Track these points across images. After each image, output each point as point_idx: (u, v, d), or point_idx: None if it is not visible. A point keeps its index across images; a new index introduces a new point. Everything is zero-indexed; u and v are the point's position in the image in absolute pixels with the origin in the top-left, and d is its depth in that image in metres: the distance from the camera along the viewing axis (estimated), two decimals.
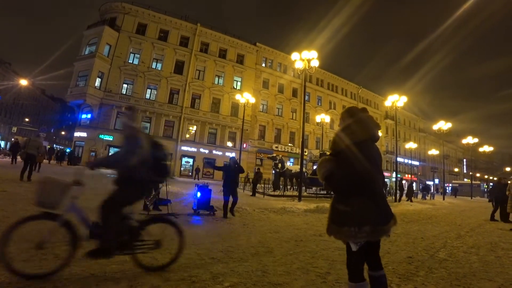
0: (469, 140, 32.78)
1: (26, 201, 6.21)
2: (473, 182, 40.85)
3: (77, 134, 27.54)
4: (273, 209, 9.39)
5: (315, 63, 14.15)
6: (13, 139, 17.80)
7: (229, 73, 33.24)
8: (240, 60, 34.42)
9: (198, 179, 26.29)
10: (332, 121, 39.51)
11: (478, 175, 68.21)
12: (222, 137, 32.06)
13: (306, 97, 36.48)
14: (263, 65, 36.12)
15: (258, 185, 16.15)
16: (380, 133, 2.17)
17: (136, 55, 28.85)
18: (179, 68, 30.48)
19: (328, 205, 8.93)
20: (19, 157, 16.66)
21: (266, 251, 4.30)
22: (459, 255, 4.90)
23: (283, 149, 35.23)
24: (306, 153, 26.23)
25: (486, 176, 70.30)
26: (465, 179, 59.06)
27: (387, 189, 25.56)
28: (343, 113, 2.25)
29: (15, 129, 45.78)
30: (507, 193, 9.85)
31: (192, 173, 28.89)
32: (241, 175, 8.36)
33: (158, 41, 29.62)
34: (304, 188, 17.63)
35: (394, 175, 31.84)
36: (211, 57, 32.17)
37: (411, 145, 38.08)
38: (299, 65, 14.33)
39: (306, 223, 7.56)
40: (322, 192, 19.25)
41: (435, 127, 27.30)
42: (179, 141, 29.29)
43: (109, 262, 3.13)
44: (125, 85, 28.20)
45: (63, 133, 70.48)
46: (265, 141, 34.82)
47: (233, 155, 29.49)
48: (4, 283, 2.41)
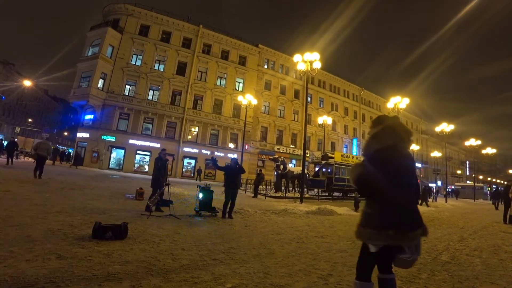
0: (472, 142, 32.59)
1: (30, 202, 6.25)
2: (475, 184, 40.63)
3: (79, 134, 27.64)
4: (274, 210, 9.39)
5: (317, 64, 14.14)
6: (11, 138, 16.03)
7: (231, 74, 33.28)
8: (242, 61, 34.46)
9: (200, 180, 26.32)
10: (334, 122, 39.42)
11: (481, 177, 67.94)
12: (224, 138, 32.08)
13: (308, 99, 36.40)
14: (265, 66, 36.14)
15: (260, 186, 16.15)
16: (408, 140, 2.18)
17: (138, 56, 28.95)
18: (181, 69, 30.54)
19: (330, 207, 9.00)
20: (26, 157, 16.62)
21: (267, 253, 4.31)
22: (461, 257, 4.88)
23: (285, 151, 35.19)
24: (308, 155, 26.20)
25: (489, 179, 70.00)
26: (467, 181, 58.82)
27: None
28: (373, 120, 2.30)
29: (18, 129, 46.00)
30: (510, 195, 9.81)
31: (194, 174, 28.91)
32: (243, 176, 8.36)
33: (160, 42, 29.71)
34: (306, 189, 17.62)
35: None
36: (213, 58, 32.23)
37: (413, 147, 37.91)
38: (301, 66, 14.33)
39: (307, 224, 7.56)
40: (323, 194, 19.27)
41: (438, 129, 27.17)
42: (181, 142, 29.33)
43: (111, 262, 3.15)
44: (127, 86, 28.29)
45: (65, 133, 70.85)
46: (267, 143, 34.81)
47: (235, 156, 29.63)
48: (6, 282, 2.41)
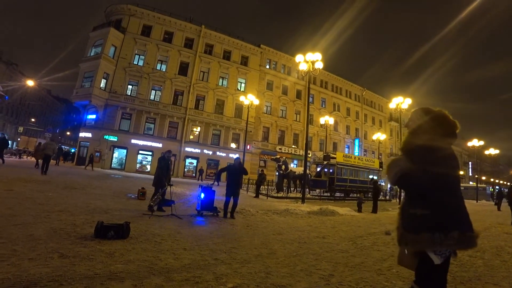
0: (475, 142, 32.48)
1: (32, 201, 6.28)
2: (478, 185, 40.42)
3: (82, 134, 27.77)
4: (276, 210, 9.39)
5: (319, 65, 14.15)
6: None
7: (233, 74, 33.31)
8: (244, 61, 34.49)
9: (202, 180, 26.35)
10: (336, 123, 39.37)
11: (483, 178, 67.63)
12: (226, 138, 32.11)
13: (310, 99, 36.39)
14: (267, 66, 36.15)
15: (262, 186, 16.16)
16: (456, 134, 1.91)
17: (141, 56, 29.04)
18: (183, 69, 30.60)
19: (332, 207, 8.94)
20: (25, 156, 16.85)
21: (269, 253, 4.31)
22: (464, 259, 4.85)
23: (286, 151, 35.19)
24: (309, 155, 26.18)
25: (492, 179, 69.68)
26: (470, 182, 58.55)
27: (388, 192, 25.41)
28: (417, 111, 1.98)
29: (21, 129, 46.24)
30: None
31: (195, 174, 28.95)
32: (244, 176, 8.37)
33: (162, 42, 29.80)
34: (307, 190, 17.62)
35: None
36: (215, 58, 32.28)
37: None
38: (303, 67, 14.34)
39: (309, 225, 7.55)
40: (325, 194, 19.26)
41: None
42: (183, 142, 29.39)
43: (113, 261, 3.17)
44: (130, 86, 28.38)
45: (68, 133, 71.16)
46: (268, 143, 34.82)
47: (236, 156, 29.66)
48: (10, 280, 2.43)
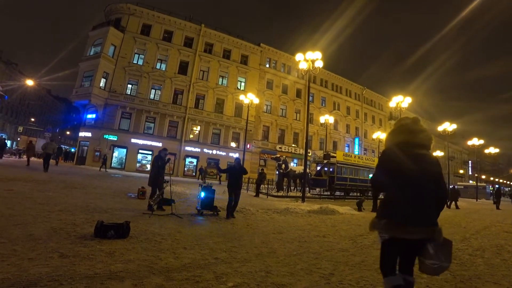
0: (475, 141, 32.46)
1: (32, 200, 6.28)
2: (478, 184, 40.42)
3: (82, 134, 27.73)
4: (276, 209, 9.38)
5: (319, 63, 14.13)
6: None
7: (233, 73, 33.27)
8: (244, 60, 34.45)
9: (203, 179, 26.30)
10: (336, 122, 39.34)
11: (483, 177, 67.61)
12: (226, 137, 32.10)
13: (310, 98, 36.35)
14: (267, 65, 36.10)
15: (262, 185, 16.15)
16: (416, 139, 2.20)
17: (140, 55, 28.99)
18: (183, 68, 30.55)
19: (332, 206, 8.97)
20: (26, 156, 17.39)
21: (269, 252, 4.31)
22: (464, 257, 4.87)
23: (286, 150, 35.18)
24: (309, 154, 26.18)
25: (491, 178, 69.69)
26: (470, 181, 58.56)
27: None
28: (395, 123, 2.42)
29: (21, 128, 46.17)
30: None
31: (195, 173, 28.93)
32: (244, 176, 8.38)
33: (162, 41, 29.74)
34: (307, 189, 17.61)
35: None
36: (215, 57, 32.23)
37: None
38: (303, 65, 14.32)
39: (309, 224, 7.55)
40: (325, 193, 19.25)
41: (440, 128, 27.07)
42: (183, 141, 29.38)
43: (113, 261, 3.17)
44: (129, 86, 28.34)
45: (68, 133, 71.12)
46: (268, 142, 34.81)
47: (236, 155, 29.64)
48: (9, 280, 2.43)
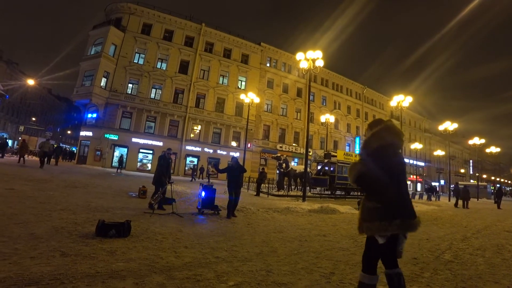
0: (476, 140, 32.37)
1: (34, 199, 6.30)
2: (479, 183, 40.35)
3: (82, 133, 27.77)
4: (277, 209, 9.39)
5: (320, 63, 14.11)
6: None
7: (234, 73, 33.27)
8: (245, 60, 34.43)
9: (202, 178, 26.35)
10: (336, 121, 39.30)
11: (484, 176, 67.47)
12: (226, 136, 32.11)
13: (311, 97, 36.30)
14: (268, 65, 36.08)
15: (262, 185, 16.15)
16: (402, 140, 2.40)
17: (141, 55, 28.99)
18: (183, 68, 30.56)
19: (332, 205, 8.99)
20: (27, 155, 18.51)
21: (270, 251, 4.31)
22: (465, 257, 4.86)
23: (287, 149, 35.19)
24: (310, 153, 26.17)
25: (492, 178, 69.56)
26: (471, 180, 58.47)
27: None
28: (371, 122, 2.47)
29: (22, 128, 46.16)
30: None
31: (196, 172, 28.94)
32: (245, 175, 8.38)
33: (163, 41, 29.74)
34: (308, 188, 17.61)
35: None
36: (215, 57, 32.22)
37: (416, 145, 37.75)
38: (304, 65, 14.30)
39: (310, 223, 7.55)
40: (326, 192, 19.25)
41: (441, 127, 27.01)
42: (183, 140, 29.41)
43: (115, 260, 3.18)
44: (130, 85, 28.37)
45: (69, 132, 71.20)
46: (269, 141, 34.81)
47: (237, 155, 29.67)
48: (12, 279, 2.44)
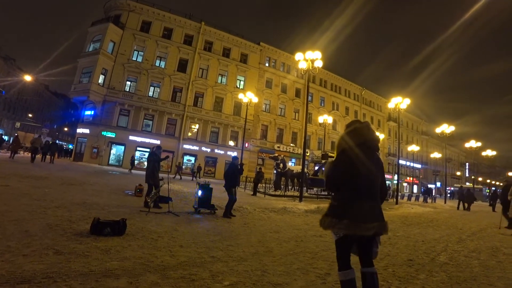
0: (472, 144, 32.49)
1: (29, 196, 6.25)
2: (475, 186, 40.53)
3: (79, 130, 27.61)
4: (273, 209, 9.38)
5: (318, 63, 14.11)
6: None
7: (232, 72, 33.23)
8: (244, 59, 34.40)
9: (199, 177, 26.31)
10: (334, 122, 39.33)
11: (480, 179, 67.87)
12: (224, 136, 32.08)
13: (309, 98, 36.32)
14: (267, 64, 36.06)
15: (259, 184, 16.14)
16: (373, 140, 2.38)
17: (140, 52, 28.88)
18: (182, 66, 30.48)
19: None
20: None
21: (266, 251, 4.30)
22: (460, 259, 4.87)
23: (285, 149, 35.21)
24: (308, 154, 26.18)
25: (488, 181, 70.01)
26: (467, 183, 58.81)
27: (389, 192, 25.46)
28: (346, 124, 2.53)
29: (18, 124, 45.88)
30: (509, 197, 9.62)
31: (194, 171, 28.86)
32: (241, 175, 8.35)
33: (162, 39, 29.64)
34: (305, 188, 17.62)
35: (396, 177, 31.70)
36: (214, 55, 32.17)
37: (413, 147, 37.90)
38: (302, 65, 14.30)
39: (306, 223, 7.55)
40: (323, 193, 19.26)
41: (438, 130, 27.12)
42: (181, 139, 29.34)
43: (109, 258, 3.15)
44: (128, 83, 28.25)
45: (66, 129, 70.82)
46: (267, 141, 34.81)
47: (234, 154, 29.57)
48: (4, 277, 2.40)
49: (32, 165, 14.72)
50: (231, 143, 32.36)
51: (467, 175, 72.00)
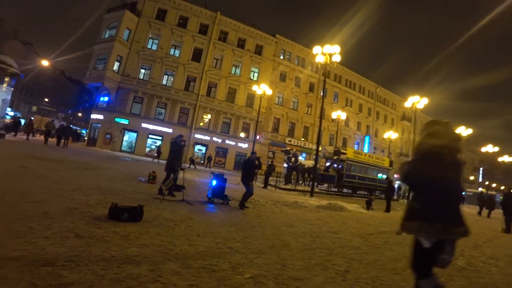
0: (489, 148, 31.53)
1: (46, 179, 6.33)
2: (488, 192, 39.61)
3: (93, 116, 28.03)
4: (285, 202, 9.34)
5: (336, 58, 13.84)
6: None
7: (247, 63, 32.97)
8: (258, 51, 34.04)
9: (210, 167, 26.44)
10: (347, 118, 38.70)
11: (494, 185, 66.26)
12: (236, 127, 32.04)
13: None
14: (281, 57, 35.60)
15: (270, 177, 16.12)
16: (455, 141, 2.32)
17: (155, 40, 28.91)
18: (196, 55, 30.40)
19: (340, 203, 8.97)
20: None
21: (282, 244, 4.26)
22: (478, 265, 4.79)
23: (296, 143, 34.98)
24: (320, 149, 25.98)
25: (502, 187, 68.31)
26: (479, 188, 57.49)
27: (400, 192, 25.15)
28: (426, 124, 2.47)
29: (35, 108, 46.85)
30: None
31: (204, 161, 29.05)
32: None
33: (177, 27, 29.56)
34: (315, 184, 17.53)
35: None
36: (229, 46, 31.94)
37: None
38: (320, 59, 14.04)
39: (319, 219, 7.49)
40: (333, 189, 19.15)
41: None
42: (193, 128, 29.46)
43: (128, 244, 3.15)
44: (142, 70, 28.42)
45: (80, 114, 72.04)
46: (278, 134, 34.63)
47: (245, 145, 29.62)
48: (26, 258, 2.41)
49: (46, 148, 15.26)
50: (242, 134, 32.32)
51: (480, 180, 70.30)
